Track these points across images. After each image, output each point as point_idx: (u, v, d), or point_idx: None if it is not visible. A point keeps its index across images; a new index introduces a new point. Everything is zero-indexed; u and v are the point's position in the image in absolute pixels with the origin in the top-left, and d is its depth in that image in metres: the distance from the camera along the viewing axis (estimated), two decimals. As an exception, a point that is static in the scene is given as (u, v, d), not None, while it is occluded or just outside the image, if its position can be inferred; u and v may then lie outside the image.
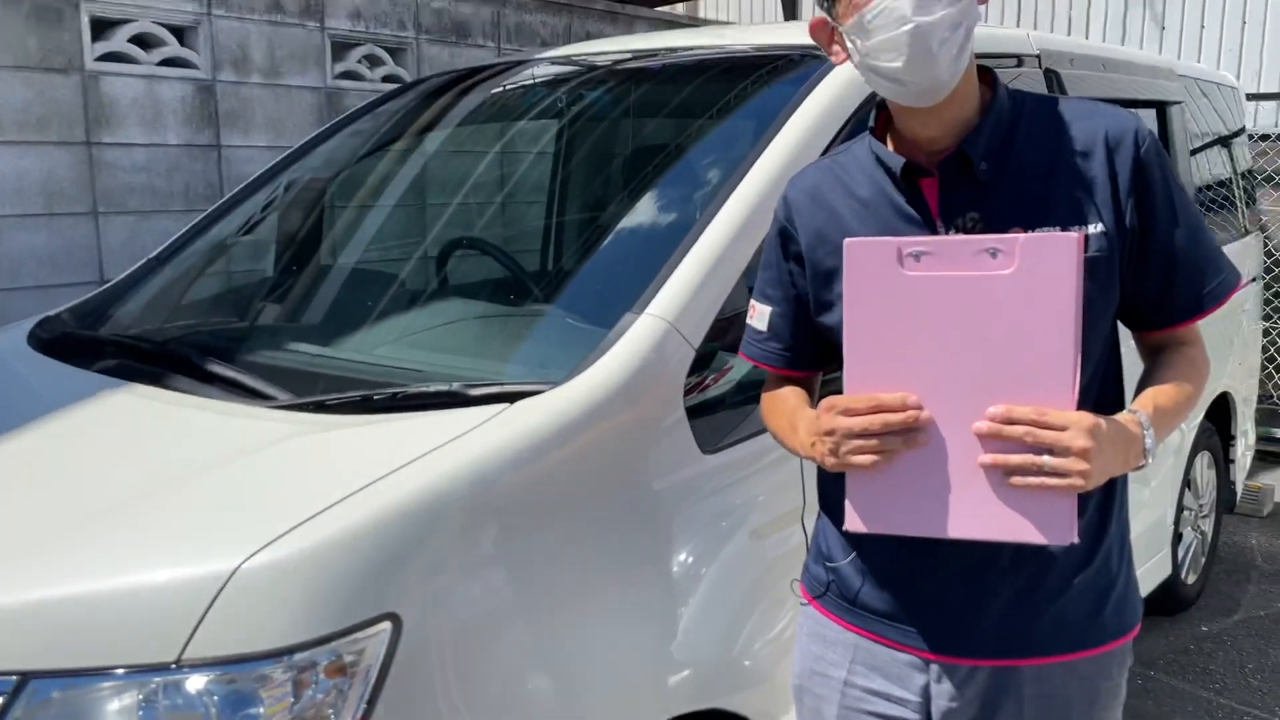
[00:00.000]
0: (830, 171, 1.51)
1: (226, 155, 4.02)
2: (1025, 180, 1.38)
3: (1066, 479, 1.20)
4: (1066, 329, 1.21)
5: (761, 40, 2.72)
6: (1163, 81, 3.55)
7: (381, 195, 3.08)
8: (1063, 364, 1.21)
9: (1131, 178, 1.38)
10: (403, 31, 4.55)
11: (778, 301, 1.56)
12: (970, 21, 1.33)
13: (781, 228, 1.54)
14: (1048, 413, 1.21)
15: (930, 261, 1.24)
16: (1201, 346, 1.50)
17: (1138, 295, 1.43)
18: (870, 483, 1.30)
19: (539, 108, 3.09)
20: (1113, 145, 1.38)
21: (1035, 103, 1.45)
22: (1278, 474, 5.78)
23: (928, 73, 1.31)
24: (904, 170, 1.41)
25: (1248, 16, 7.04)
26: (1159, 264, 1.42)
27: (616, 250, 2.34)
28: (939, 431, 1.26)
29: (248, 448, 1.61)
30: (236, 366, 1.95)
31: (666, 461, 1.75)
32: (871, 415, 1.26)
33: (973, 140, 1.38)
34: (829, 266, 1.47)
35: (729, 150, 2.30)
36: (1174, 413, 1.39)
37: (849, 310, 1.28)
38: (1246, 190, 4.52)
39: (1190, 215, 1.43)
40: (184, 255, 2.83)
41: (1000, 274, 1.22)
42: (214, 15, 3.92)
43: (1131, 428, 1.30)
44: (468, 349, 2.17)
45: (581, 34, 5.32)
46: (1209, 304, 1.45)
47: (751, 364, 1.64)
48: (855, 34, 1.35)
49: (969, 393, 1.24)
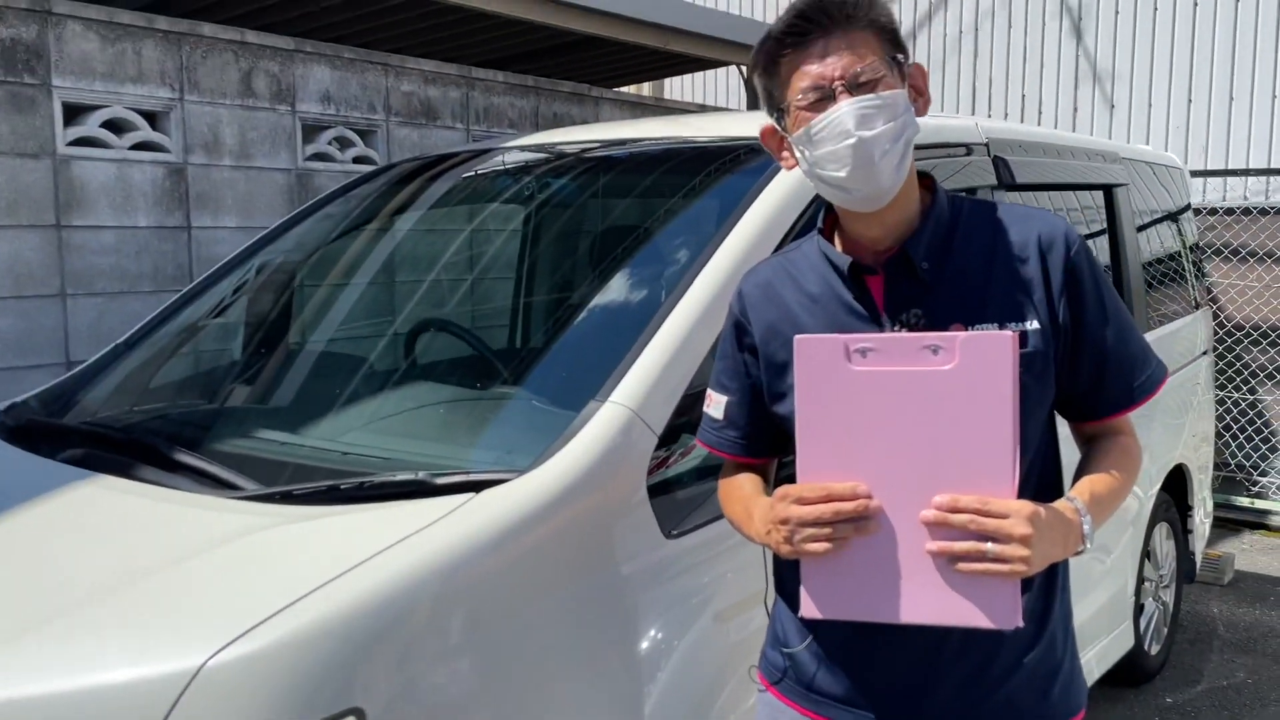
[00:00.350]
0: (782, 268, 1.59)
1: (196, 236, 4.05)
2: (964, 279, 1.47)
3: (1009, 565, 1.26)
4: (1005, 421, 1.28)
5: (722, 131, 2.82)
6: (1108, 165, 3.69)
7: (352, 278, 3.12)
8: (1002, 454, 1.28)
9: (1063, 278, 1.47)
10: (373, 114, 4.63)
11: (733, 391, 1.63)
12: (910, 133, 1.43)
13: (736, 321, 1.61)
14: (990, 501, 1.27)
15: (876, 357, 1.31)
16: (1133, 435, 1.58)
17: (1072, 388, 1.52)
18: (824, 569, 1.35)
19: (506, 194, 3.16)
20: (1045, 248, 1.48)
21: (972, 206, 1.54)
22: (1236, 542, 5.87)
23: (871, 182, 1.40)
24: (851, 269, 1.49)
25: (1193, 95, 7.31)
26: (1091, 359, 1.50)
27: (581, 336, 2.39)
28: (889, 519, 1.32)
29: (213, 541, 1.62)
30: (203, 455, 1.97)
31: (629, 547, 1.78)
32: (823, 504, 1.31)
33: (914, 241, 1.47)
34: (781, 359, 1.53)
35: (691, 238, 2.37)
36: (1110, 499, 1.46)
37: (800, 403, 1.35)
38: (1195, 264, 4.66)
39: (1119, 314, 1.53)
40: (153, 339, 2.85)
41: (942, 369, 1.29)
42: (186, 100, 3.99)
43: (1069, 515, 1.37)
44: (434, 434, 2.20)
45: (549, 115, 5.44)
46: (1139, 396, 1.53)
47: (707, 449, 1.69)
48: (803, 145, 1.44)
49: (916, 482, 1.30)
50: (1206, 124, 7.30)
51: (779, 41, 1.44)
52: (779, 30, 1.44)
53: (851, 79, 1.39)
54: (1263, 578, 5.25)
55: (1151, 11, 7.43)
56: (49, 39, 3.63)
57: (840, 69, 1.39)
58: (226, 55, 4.11)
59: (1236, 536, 5.99)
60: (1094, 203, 3.56)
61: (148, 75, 3.88)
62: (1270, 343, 6.40)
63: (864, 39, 1.41)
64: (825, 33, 1.41)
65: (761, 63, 1.48)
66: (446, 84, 4.93)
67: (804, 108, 1.42)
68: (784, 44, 1.43)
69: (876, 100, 1.39)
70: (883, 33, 1.44)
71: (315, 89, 4.40)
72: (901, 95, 1.42)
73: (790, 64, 1.43)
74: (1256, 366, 6.47)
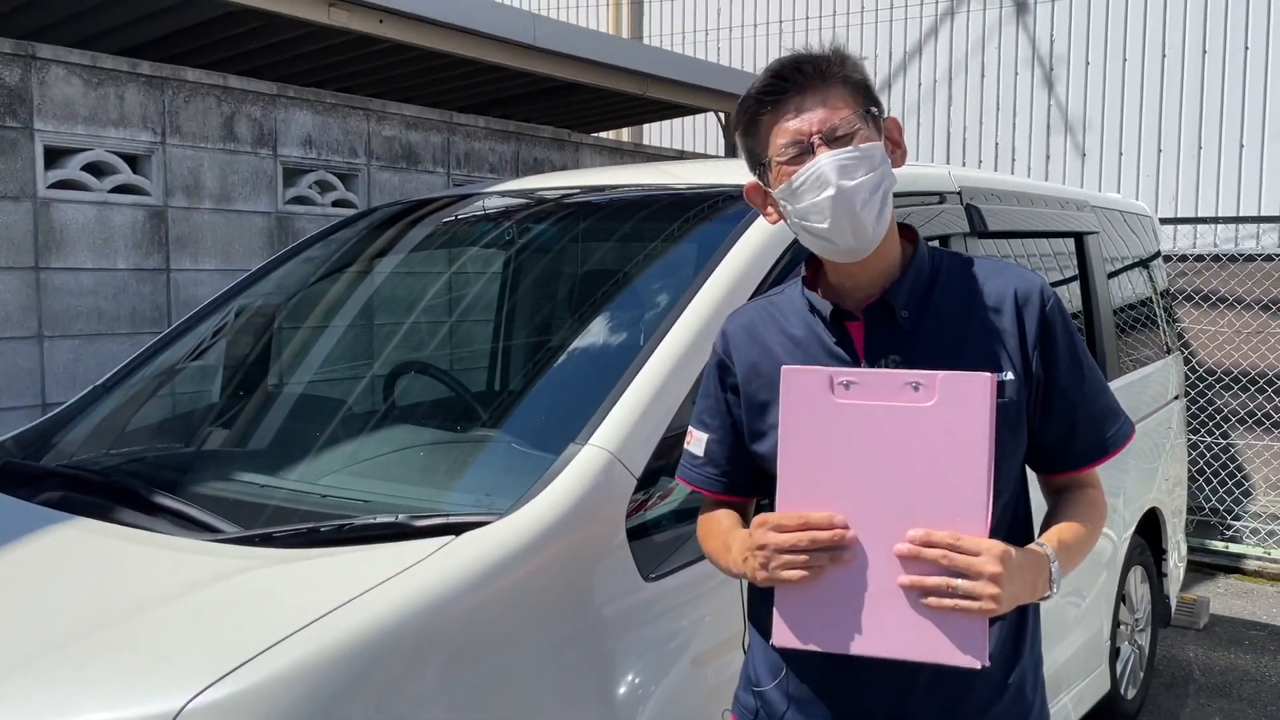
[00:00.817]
0: (766, 310, 1.63)
1: (176, 279, 4.06)
2: (942, 329, 1.51)
3: (978, 602, 1.29)
4: (980, 460, 1.31)
5: (701, 178, 2.86)
6: (1079, 213, 3.76)
7: (331, 321, 3.14)
8: (976, 492, 1.32)
9: (1038, 332, 1.52)
10: (354, 158, 4.67)
11: (714, 429, 1.66)
12: (888, 184, 1.48)
13: (719, 360, 1.65)
14: (962, 538, 1.30)
15: (859, 391, 1.36)
16: (1100, 489, 1.62)
17: (1042, 440, 1.56)
18: (798, 597, 1.38)
19: (486, 238, 3.19)
20: (1021, 302, 1.53)
21: (951, 260, 1.59)
22: (1211, 585, 5.90)
23: (853, 233, 1.45)
24: (833, 314, 1.53)
25: (1163, 145, 7.46)
26: (1061, 412, 1.54)
27: (560, 379, 2.41)
28: (864, 551, 1.35)
29: (193, 583, 1.62)
30: (183, 498, 1.96)
31: (608, 590, 1.79)
32: (800, 532, 1.35)
33: (895, 290, 1.52)
34: (762, 399, 1.57)
35: (669, 283, 2.40)
36: (1077, 549, 1.50)
37: (784, 432, 1.38)
38: (1166, 309, 4.74)
39: (1090, 370, 1.58)
40: (132, 381, 2.84)
41: (921, 406, 1.33)
42: (168, 144, 4.01)
43: (1040, 557, 1.41)
44: (414, 477, 2.21)
45: (529, 160, 5.50)
46: (1108, 450, 1.58)
47: (688, 488, 1.72)
48: (786, 199, 1.49)
49: (891, 515, 1.34)
50: (1176, 173, 7.44)
51: (758, 101, 1.50)
52: (757, 90, 1.50)
53: (829, 132, 1.44)
54: (1238, 621, 5.28)
55: (1121, 63, 7.60)
56: (32, 83, 3.66)
57: (817, 123, 1.45)
58: (209, 100, 4.14)
59: (1211, 580, 6.03)
60: (1065, 249, 3.63)
61: (130, 119, 3.91)
62: (1241, 387, 6.49)
63: (838, 94, 1.47)
64: (800, 90, 1.47)
65: (743, 123, 1.53)
66: (428, 129, 4.97)
67: (784, 163, 1.47)
68: (763, 103, 1.49)
69: (854, 152, 1.44)
70: (856, 88, 1.49)
71: (297, 133, 4.44)
72: (878, 147, 1.47)
73: (769, 122, 1.49)
74: (1229, 411, 6.55)
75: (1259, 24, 7.08)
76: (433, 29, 4.93)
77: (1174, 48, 7.39)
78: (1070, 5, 7.77)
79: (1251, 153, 7.14)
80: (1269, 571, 6.10)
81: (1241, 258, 6.62)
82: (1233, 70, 7.19)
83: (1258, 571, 6.12)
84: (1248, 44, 7.13)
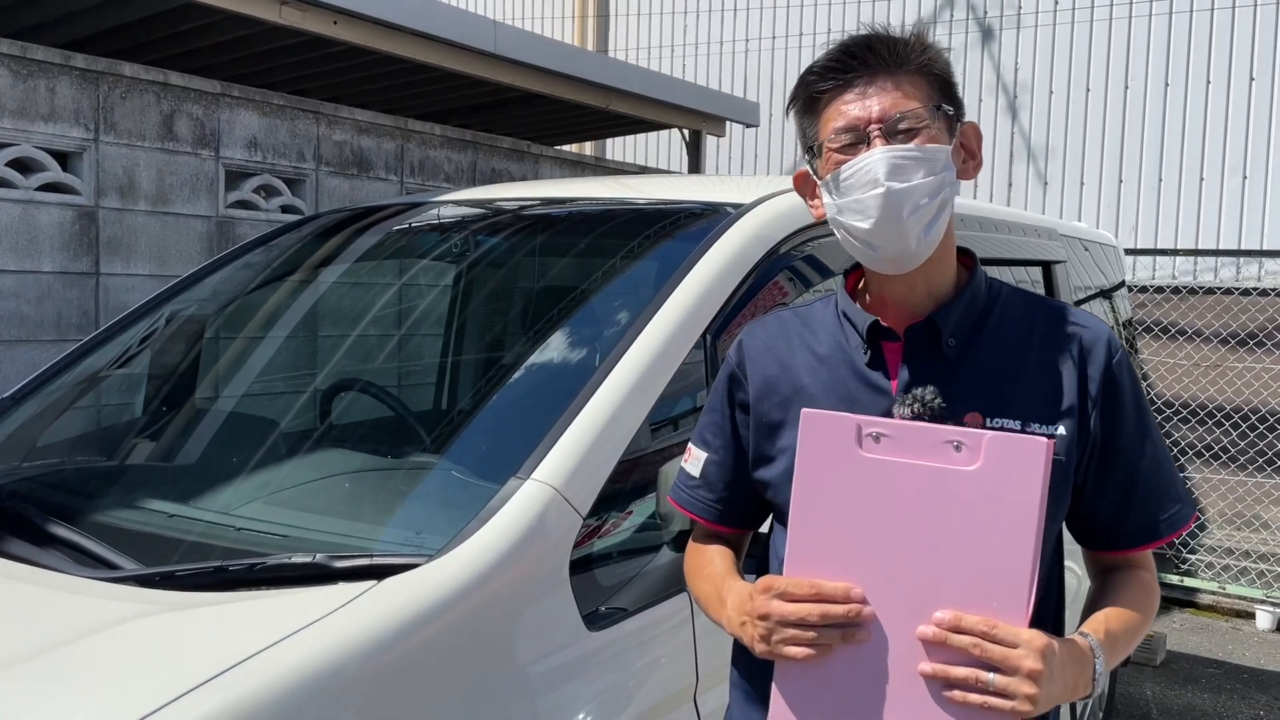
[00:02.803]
0: (792, 324, 1.47)
1: (106, 284, 3.84)
2: (991, 367, 1.34)
3: (1011, 701, 1.12)
4: (1027, 538, 1.13)
5: (663, 193, 2.72)
6: (1047, 241, 3.67)
7: (267, 333, 2.95)
8: (1019, 574, 1.13)
9: (1101, 388, 1.34)
10: (302, 163, 4.48)
11: (715, 449, 1.50)
12: (948, 193, 1.30)
13: (731, 373, 1.49)
14: (998, 626, 1.12)
15: (890, 445, 1.18)
16: (1153, 571, 1.44)
17: (1093, 512, 1.38)
18: (802, 675, 1.21)
19: (437, 250, 3.03)
20: (1085, 351, 1.35)
21: (1011, 294, 1.42)
22: (1167, 620, 5.85)
23: (896, 240, 1.28)
24: (870, 329, 1.36)
25: (1124, 175, 7.46)
26: (1119, 482, 1.37)
27: (506, 403, 2.25)
28: (881, 629, 1.17)
29: (70, 634, 1.43)
30: (80, 528, 1.77)
31: (548, 641, 1.63)
32: (811, 604, 1.17)
33: (945, 313, 1.35)
34: (775, 419, 1.41)
35: (626, 304, 2.26)
36: (1125, 640, 1.31)
37: (799, 484, 1.21)
38: (1129, 339, 4.68)
39: (1155, 438, 1.39)
40: (46, 392, 2.63)
41: (963, 469, 1.15)
42: (102, 141, 3.80)
43: (1084, 653, 1.22)
44: (341, 509, 2.03)
45: (487, 171, 5.34)
46: (1165, 532, 1.39)
47: (678, 510, 1.56)
48: (830, 190, 1.33)
49: (916, 590, 1.16)
50: (1137, 204, 7.45)
51: (820, 77, 1.33)
52: (821, 65, 1.33)
53: (890, 124, 1.28)
54: (1194, 658, 5.22)
55: (1084, 93, 7.60)
56: (-45, 72, 3.44)
57: (879, 111, 1.28)
58: (148, 96, 3.93)
59: (1166, 615, 5.97)
60: (1029, 278, 3.53)
61: (61, 114, 3.70)
62: (1199, 420, 6.47)
63: (911, 83, 1.30)
64: (870, 72, 1.30)
65: (800, 98, 1.36)
66: (381, 135, 4.80)
67: (836, 149, 1.31)
68: (825, 80, 1.32)
69: (914, 151, 1.27)
70: (934, 80, 1.33)
71: (241, 134, 4.24)
72: (944, 151, 1.30)
73: (828, 102, 1.32)
74: (1186, 444, 6.53)
75: (1221, 60, 7.12)
76: (389, 33, 4.77)
77: (1137, 80, 7.40)
78: (1035, 33, 7.77)
79: (1211, 186, 7.16)
80: (1223, 606, 6.06)
81: (1201, 290, 6.62)
82: (1194, 104, 7.22)
83: (1212, 606, 6.09)
84: (1209, 78, 7.16)
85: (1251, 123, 7.03)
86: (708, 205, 2.47)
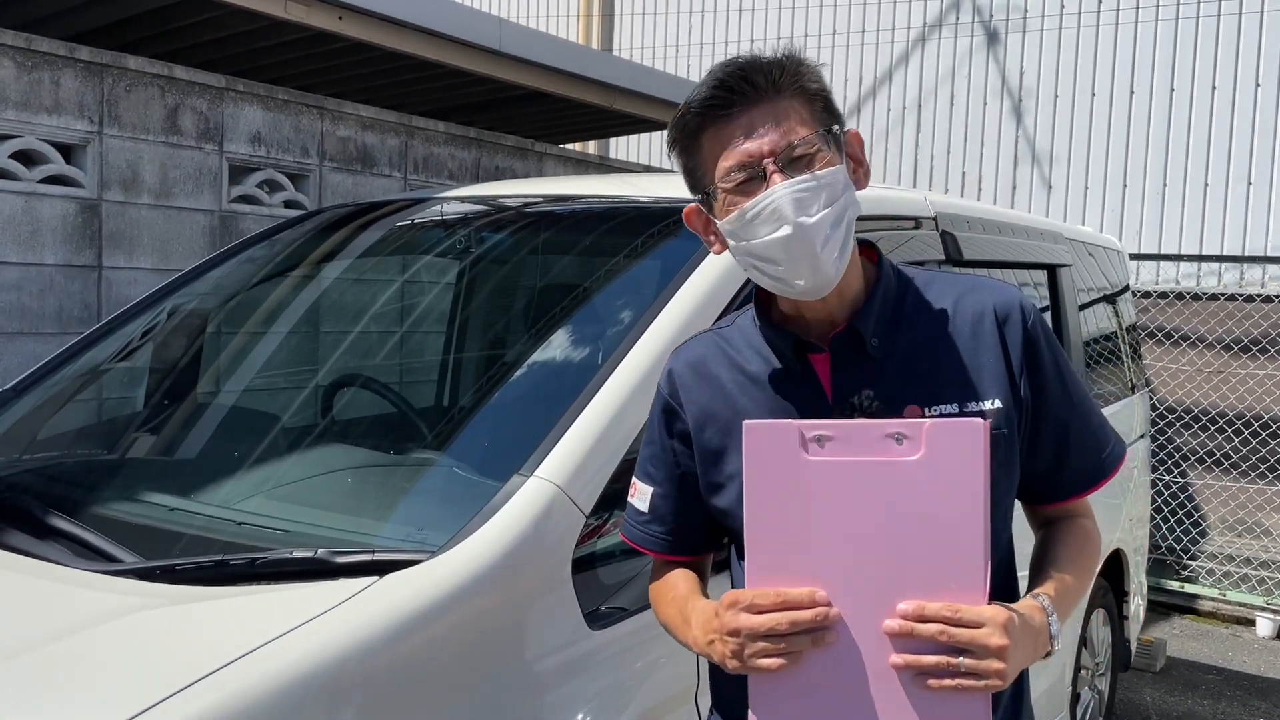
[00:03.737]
0: (715, 344, 1.45)
1: (108, 276, 3.83)
2: (917, 356, 1.34)
3: (984, 680, 1.13)
4: (976, 518, 1.15)
5: (666, 192, 2.71)
6: (1053, 245, 3.66)
7: (269, 327, 2.94)
8: (973, 555, 1.16)
9: (1023, 352, 1.36)
10: (305, 158, 4.47)
11: (660, 481, 1.48)
12: (851, 214, 1.29)
13: (665, 404, 1.46)
14: (961, 609, 1.14)
15: (834, 446, 1.18)
16: (1093, 517, 1.47)
17: (1030, 469, 1.40)
18: (776, 685, 1.20)
19: (440, 246, 3.02)
20: (1001, 320, 1.36)
21: (921, 278, 1.42)
22: (1167, 626, 5.84)
23: (811, 273, 1.26)
24: (794, 347, 1.36)
25: (1128, 180, 7.44)
26: (1051, 438, 1.39)
27: (508, 400, 2.24)
28: (848, 628, 1.18)
29: (71, 626, 1.42)
30: (82, 521, 1.77)
31: (550, 639, 1.62)
32: (778, 613, 1.16)
33: (863, 317, 1.34)
34: (716, 446, 1.39)
35: (631, 301, 2.25)
36: (1075, 592, 1.35)
37: (749, 497, 1.20)
38: (1132, 345, 4.67)
39: (1078, 388, 1.42)
40: (47, 384, 2.63)
41: (907, 460, 1.16)
42: (106, 134, 3.79)
43: (1039, 617, 1.25)
44: (344, 504, 2.02)
45: (491, 168, 5.33)
46: (1101, 476, 1.43)
47: (631, 546, 1.54)
48: (734, 231, 1.30)
49: (877, 585, 1.17)
50: (1141, 209, 7.43)
51: (699, 115, 1.28)
52: (698, 102, 1.28)
53: (784, 155, 1.25)
54: (1194, 665, 5.21)
55: (1089, 98, 7.59)
56: (-40, 63, 3.44)
57: (770, 144, 1.25)
58: (152, 90, 3.92)
59: (1166, 620, 5.96)
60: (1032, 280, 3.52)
61: (65, 106, 3.69)
62: (1201, 426, 6.45)
63: (794, 109, 1.27)
64: (750, 104, 1.26)
65: (680, 140, 1.31)
66: (385, 131, 4.79)
67: (732, 190, 1.27)
68: (705, 117, 1.28)
69: (813, 181, 1.24)
70: (814, 100, 1.29)
71: (245, 129, 4.23)
72: (841, 172, 1.28)
73: (713, 140, 1.28)
74: (1188, 450, 6.51)
75: (1226, 66, 7.10)
76: (395, 29, 4.75)
77: (1142, 85, 7.38)
78: (1041, 38, 7.76)
79: (1215, 192, 7.15)
80: (1223, 613, 6.05)
81: (1204, 296, 6.60)
82: (1199, 110, 7.20)
83: (1212, 612, 6.08)
84: (1214, 84, 7.14)
85: (1257, 129, 7.02)
86: (713, 204, 2.46)
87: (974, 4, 8.01)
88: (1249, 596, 5.99)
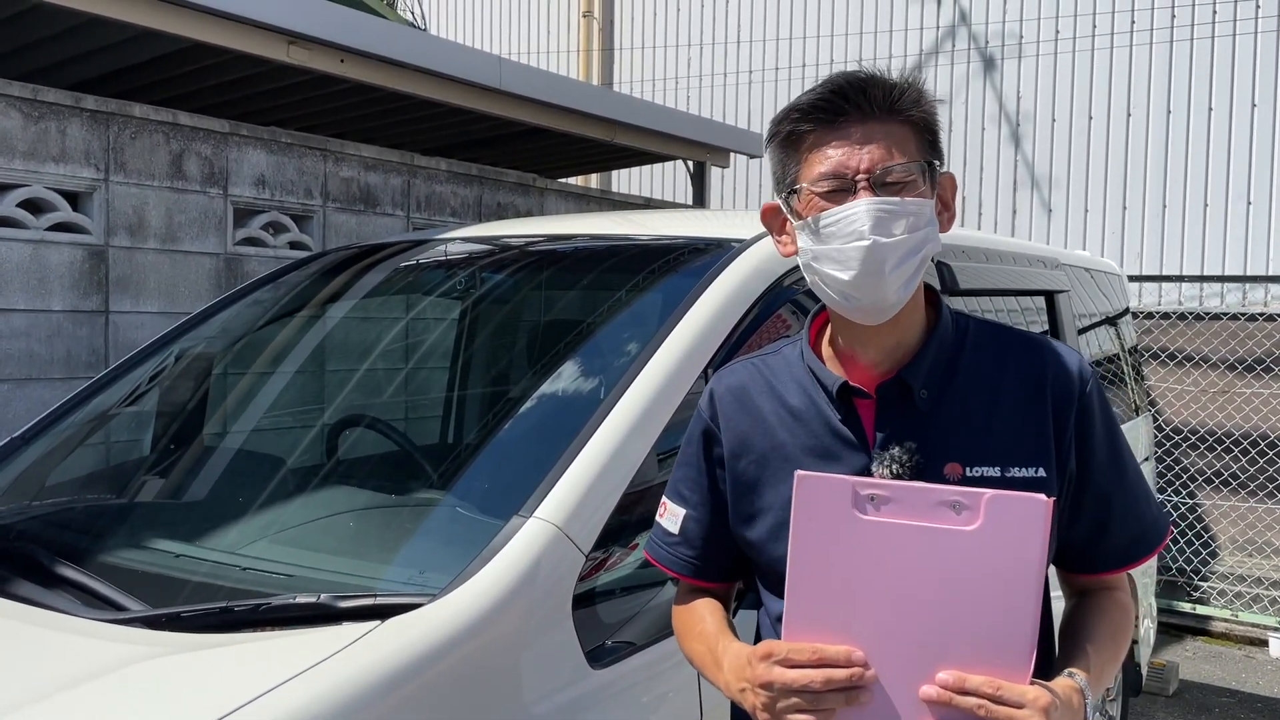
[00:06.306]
0: (758, 372, 1.44)
1: (115, 321, 3.88)
2: (965, 413, 1.33)
3: None
4: (1029, 596, 1.13)
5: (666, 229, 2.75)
6: (1050, 271, 3.68)
7: (275, 369, 2.98)
8: (1020, 632, 1.14)
9: (1075, 422, 1.33)
10: (309, 199, 4.52)
11: (693, 505, 1.47)
12: (929, 249, 1.29)
13: (705, 427, 1.45)
14: (1002, 686, 1.12)
15: (889, 508, 1.17)
16: (1128, 591, 1.44)
17: (1067, 538, 1.38)
18: None
19: (443, 287, 3.05)
20: (1056, 384, 1.34)
21: (978, 329, 1.40)
22: (1179, 649, 5.80)
23: (875, 292, 1.26)
24: (840, 390, 1.34)
25: (1128, 202, 7.48)
26: (1094, 509, 1.37)
27: (510, 439, 2.27)
28: (884, 691, 1.16)
29: (86, 674, 1.44)
30: (88, 569, 1.79)
31: (551, 679, 1.63)
32: (814, 669, 1.15)
33: (914, 368, 1.33)
34: (752, 477, 1.39)
35: (630, 340, 2.28)
36: (1110, 668, 1.32)
37: (795, 548, 1.19)
38: (1135, 366, 4.68)
39: (1127, 461, 1.39)
40: (55, 431, 2.66)
41: (963, 530, 1.14)
42: (111, 181, 3.85)
43: (1075, 699, 1.21)
44: (346, 548, 2.04)
45: (493, 205, 5.38)
46: (1142, 553, 1.40)
47: (656, 566, 1.54)
48: (808, 234, 1.30)
49: (917, 651, 1.16)
50: (1141, 231, 7.46)
51: (806, 115, 1.29)
52: (809, 102, 1.29)
53: (879, 176, 1.25)
54: (1207, 688, 5.17)
55: (1087, 121, 7.64)
56: (-32, 115, 3.49)
57: (868, 161, 1.25)
58: (157, 136, 3.98)
59: (1179, 643, 5.93)
60: (1034, 306, 3.54)
61: (72, 155, 3.74)
62: (1208, 447, 6.44)
63: (902, 134, 1.28)
64: (861, 118, 1.27)
65: (782, 133, 1.32)
66: (388, 170, 4.84)
67: (818, 194, 1.28)
68: (812, 119, 1.29)
69: (900, 205, 1.25)
70: (923, 132, 1.30)
71: (249, 172, 4.29)
72: (929, 205, 1.28)
73: (814, 142, 1.29)
74: (1195, 470, 6.50)
75: (1222, 86, 7.15)
76: (396, 70, 4.82)
77: (1139, 107, 7.43)
78: (1037, 63, 7.82)
79: (1215, 212, 7.17)
80: (1236, 634, 6.01)
81: (1207, 316, 6.61)
82: (1196, 131, 7.24)
83: (1225, 634, 6.04)
84: (1211, 105, 7.18)
85: (1255, 148, 7.05)
86: (711, 240, 2.49)
87: (970, 31, 8.08)
88: (1261, 617, 5.95)
